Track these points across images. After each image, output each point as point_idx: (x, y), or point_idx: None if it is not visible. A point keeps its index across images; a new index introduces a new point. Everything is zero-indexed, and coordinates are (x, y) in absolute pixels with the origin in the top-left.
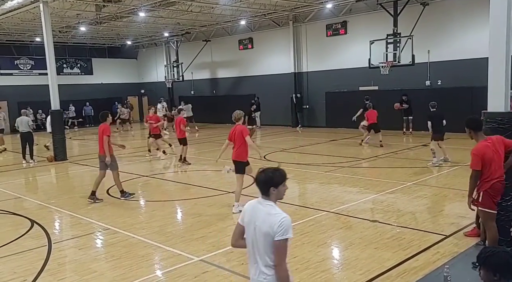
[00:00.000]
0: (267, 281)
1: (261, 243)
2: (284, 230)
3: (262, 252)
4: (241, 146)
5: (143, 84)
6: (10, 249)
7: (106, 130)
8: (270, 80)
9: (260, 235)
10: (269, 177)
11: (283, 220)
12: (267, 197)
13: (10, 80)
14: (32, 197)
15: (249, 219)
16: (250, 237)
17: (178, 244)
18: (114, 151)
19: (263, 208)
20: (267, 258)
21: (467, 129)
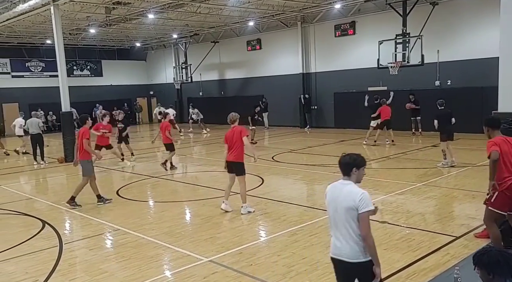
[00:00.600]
0: (351, 250)
1: (343, 217)
2: (366, 203)
3: (345, 226)
4: (240, 146)
5: (152, 86)
6: (22, 250)
7: (85, 134)
8: (278, 81)
9: (342, 210)
10: (353, 159)
11: (362, 195)
12: (348, 177)
13: (21, 82)
14: (43, 198)
15: (330, 198)
16: (332, 213)
17: (187, 245)
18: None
19: (344, 187)
20: (350, 230)
21: (485, 128)
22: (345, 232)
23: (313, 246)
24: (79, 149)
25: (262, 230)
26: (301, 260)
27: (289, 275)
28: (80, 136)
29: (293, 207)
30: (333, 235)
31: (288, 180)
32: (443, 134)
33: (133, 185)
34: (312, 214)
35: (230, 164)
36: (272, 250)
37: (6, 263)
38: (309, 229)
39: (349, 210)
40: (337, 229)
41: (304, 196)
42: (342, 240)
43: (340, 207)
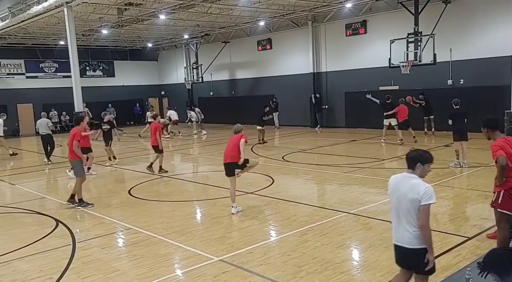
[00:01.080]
0: (408, 237)
1: (405, 208)
2: (429, 197)
3: (406, 215)
4: (237, 149)
5: (163, 86)
6: (36, 248)
7: (77, 135)
8: (289, 81)
9: (404, 201)
10: (419, 154)
11: (427, 188)
12: (413, 170)
13: (36, 83)
14: (56, 197)
15: (393, 188)
16: (394, 204)
17: (198, 244)
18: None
19: (408, 180)
20: (410, 219)
21: (484, 129)
22: (405, 221)
23: (324, 246)
24: (69, 148)
25: (272, 230)
26: (311, 260)
27: (299, 275)
28: (71, 137)
29: (304, 207)
30: (394, 223)
31: (299, 180)
32: (456, 134)
33: (145, 184)
34: (323, 214)
35: (226, 166)
36: (282, 249)
37: (21, 261)
38: (320, 229)
39: (412, 201)
40: (398, 218)
41: (315, 195)
42: (402, 228)
43: (403, 198)
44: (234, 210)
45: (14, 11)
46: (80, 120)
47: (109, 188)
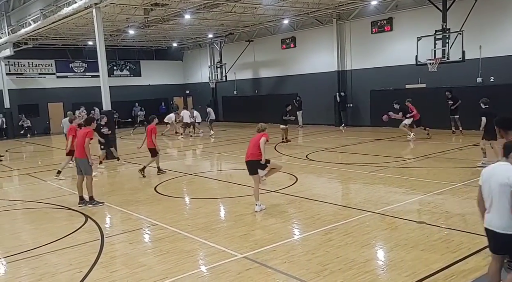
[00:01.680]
0: (499, 221)
1: (496, 192)
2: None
3: (496, 200)
4: (258, 147)
5: (188, 85)
6: (66, 242)
7: (90, 134)
8: (313, 79)
9: (495, 185)
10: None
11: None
12: (506, 159)
13: (66, 82)
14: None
15: (486, 177)
16: (486, 191)
17: (222, 241)
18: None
19: (500, 167)
20: (501, 204)
21: (497, 128)
22: (496, 206)
23: (348, 245)
24: (78, 146)
25: (296, 228)
26: (335, 258)
27: (323, 274)
28: (83, 135)
29: (327, 206)
30: (487, 209)
31: (323, 179)
32: (487, 134)
33: (170, 181)
34: (347, 213)
35: (248, 163)
36: (306, 248)
37: (52, 255)
38: (344, 228)
39: (502, 186)
40: (490, 203)
41: (339, 194)
42: (494, 213)
43: (494, 182)
44: (257, 208)
45: (45, 12)
46: (91, 121)
47: (136, 185)
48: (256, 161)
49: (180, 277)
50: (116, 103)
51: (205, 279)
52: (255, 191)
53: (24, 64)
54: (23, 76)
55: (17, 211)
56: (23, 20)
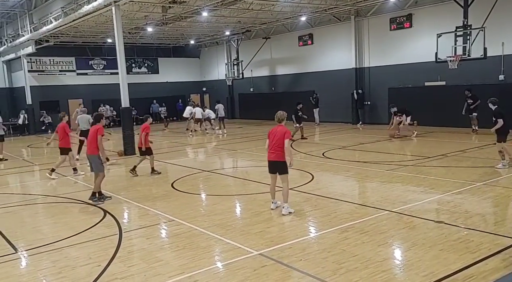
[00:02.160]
0: None
1: None
2: None
3: None
4: (281, 147)
5: (205, 82)
6: (86, 236)
7: (100, 130)
8: (330, 76)
9: None
10: None
11: None
12: None
13: (85, 79)
14: (103, 189)
15: None
16: None
17: (237, 237)
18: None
19: None
20: None
21: None
22: None
23: (364, 244)
24: (89, 143)
25: (311, 226)
26: (351, 257)
27: (339, 272)
28: (95, 132)
29: (344, 204)
30: None
31: (339, 177)
32: (504, 134)
33: (187, 178)
34: (364, 212)
35: (272, 164)
36: (322, 246)
37: (72, 248)
38: (360, 227)
39: None
40: None
41: (356, 193)
42: None
43: None
44: (273, 206)
45: (66, 10)
46: (100, 118)
47: (153, 181)
48: (281, 163)
49: (196, 272)
50: (134, 100)
51: (220, 275)
52: (272, 188)
53: (45, 62)
54: (44, 73)
55: (38, 205)
56: (45, 18)
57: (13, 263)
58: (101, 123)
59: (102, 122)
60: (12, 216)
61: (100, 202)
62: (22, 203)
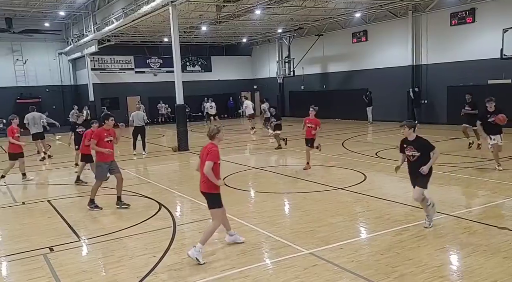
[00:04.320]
0: None
1: None
2: None
3: None
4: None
5: (256, 80)
6: (142, 228)
7: (88, 135)
8: (385, 74)
9: None
10: None
11: None
12: None
13: (143, 77)
14: (159, 183)
15: None
16: None
17: (287, 236)
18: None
19: None
20: None
21: None
22: None
23: (420, 248)
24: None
25: (363, 227)
26: (406, 261)
27: (392, 275)
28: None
29: (398, 206)
30: None
31: (393, 178)
32: None
33: (238, 174)
34: (420, 215)
35: (204, 195)
36: (374, 248)
37: (129, 239)
38: (416, 230)
39: None
40: None
41: (410, 195)
42: None
43: None
44: (227, 238)
45: (126, 11)
46: (106, 119)
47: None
48: (208, 194)
49: (246, 268)
50: (187, 98)
51: (270, 272)
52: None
53: (106, 60)
54: (106, 72)
55: (98, 196)
56: (107, 19)
57: (76, 250)
58: (107, 125)
59: (108, 124)
60: (74, 206)
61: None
62: (82, 194)
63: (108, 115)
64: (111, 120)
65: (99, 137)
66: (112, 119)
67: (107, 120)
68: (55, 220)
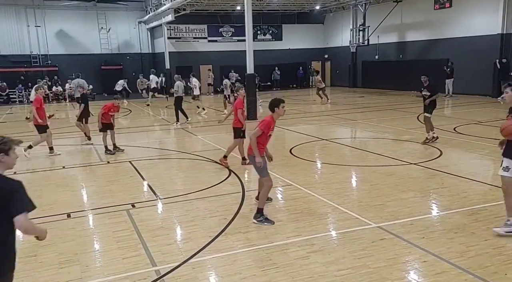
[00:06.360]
0: None
1: None
2: None
3: None
4: None
5: (327, 49)
6: (213, 192)
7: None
8: (469, 43)
9: None
10: None
11: None
12: None
13: (215, 46)
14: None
15: None
16: None
17: (355, 208)
18: None
19: None
20: None
21: None
22: None
23: None
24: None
25: (436, 204)
26: (482, 241)
27: (466, 255)
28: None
29: (476, 184)
30: None
31: (472, 154)
32: None
33: (305, 145)
34: (499, 195)
35: None
36: (447, 226)
37: (201, 201)
38: (495, 210)
39: None
40: None
41: (490, 173)
42: None
43: None
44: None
45: None
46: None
47: (271, 147)
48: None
49: (313, 237)
50: (257, 67)
51: (337, 242)
52: None
53: (181, 29)
54: (181, 40)
55: (173, 160)
56: None
57: (155, 208)
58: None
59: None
60: (153, 168)
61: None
62: (160, 157)
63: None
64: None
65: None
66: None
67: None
68: (136, 179)
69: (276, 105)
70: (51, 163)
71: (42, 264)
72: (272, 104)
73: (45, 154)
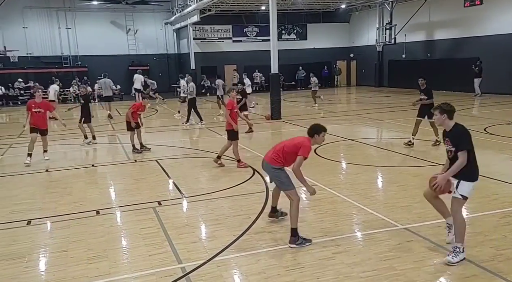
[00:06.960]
0: None
1: None
2: None
3: None
4: None
5: (353, 48)
6: (237, 191)
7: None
8: (499, 42)
9: None
10: None
11: None
12: None
13: (240, 46)
14: (253, 149)
15: None
16: None
17: (381, 209)
18: None
19: None
20: None
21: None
22: None
23: None
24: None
25: (465, 206)
26: (509, 233)
27: (498, 258)
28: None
29: (508, 186)
30: None
31: (503, 155)
32: None
33: (330, 145)
34: None
35: None
36: (477, 228)
37: (226, 200)
38: None
39: None
40: None
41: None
42: None
43: None
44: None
45: None
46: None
47: None
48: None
49: (338, 237)
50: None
51: (363, 244)
52: None
53: (207, 29)
54: (206, 41)
55: (198, 159)
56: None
57: (180, 206)
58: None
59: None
60: (178, 166)
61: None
62: (185, 156)
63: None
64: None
65: None
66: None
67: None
68: (162, 177)
69: (317, 132)
70: (81, 161)
71: (72, 259)
72: (313, 129)
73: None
